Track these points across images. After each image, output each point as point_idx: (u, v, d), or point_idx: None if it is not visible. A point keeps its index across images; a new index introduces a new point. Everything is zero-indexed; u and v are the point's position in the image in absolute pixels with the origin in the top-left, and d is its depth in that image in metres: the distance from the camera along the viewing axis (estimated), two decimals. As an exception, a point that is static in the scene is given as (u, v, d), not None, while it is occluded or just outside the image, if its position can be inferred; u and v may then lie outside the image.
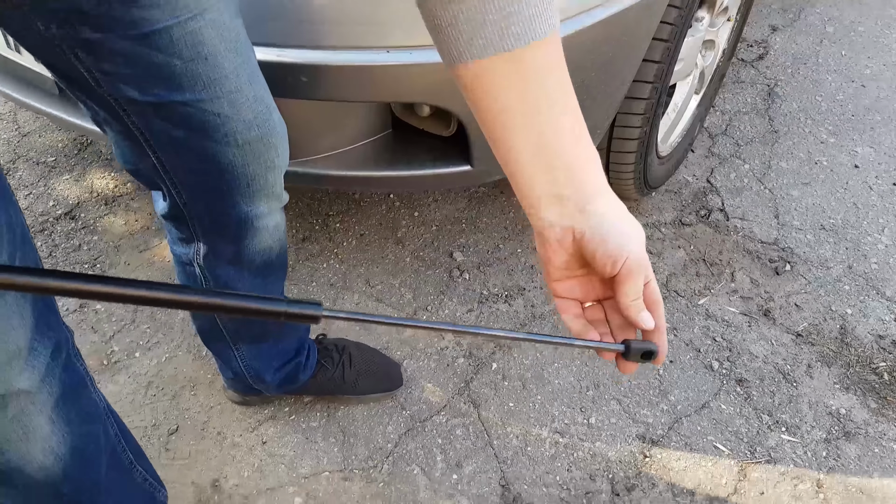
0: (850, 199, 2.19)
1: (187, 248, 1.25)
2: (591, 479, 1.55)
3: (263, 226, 1.20)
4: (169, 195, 1.14)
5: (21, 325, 0.90)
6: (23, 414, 0.96)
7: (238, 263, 1.25)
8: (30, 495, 1.06)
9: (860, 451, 1.60)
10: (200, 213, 1.16)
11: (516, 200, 2.15)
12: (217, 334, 1.43)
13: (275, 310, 0.54)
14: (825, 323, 1.85)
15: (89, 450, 1.09)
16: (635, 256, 0.64)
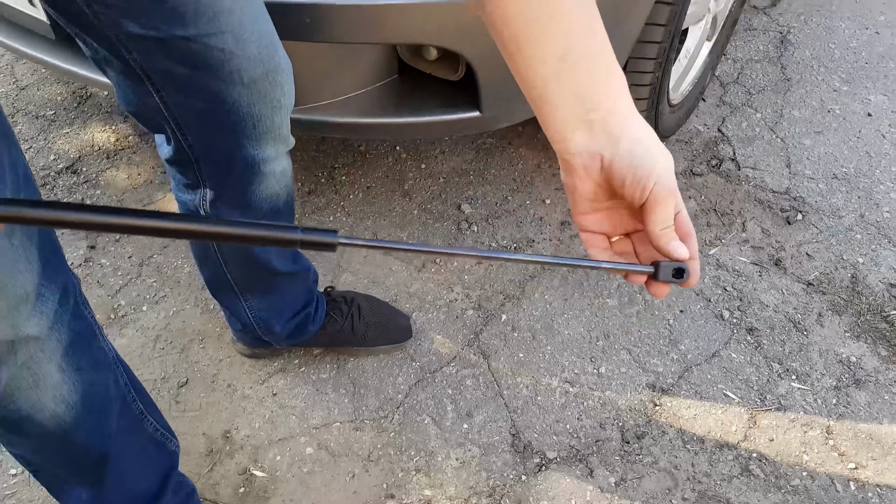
0: (862, 147, 2.15)
1: (193, 194, 1.23)
2: (602, 428, 1.56)
3: (270, 171, 1.17)
4: (173, 137, 1.11)
5: (28, 269, 0.88)
6: (32, 361, 0.95)
7: (245, 210, 1.23)
8: (42, 444, 1.06)
9: (870, 398, 1.60)
10: (206, 156, 1.13)
11: (525, 152, 2.13)
12: (225, 286, 1.42)
13: (290, 237, 0.53)
14: (836, 272, 1.83)
15: (100, 398, 1.09)
16: (665, 182, 0.61)
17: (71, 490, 1.18)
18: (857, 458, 1.51)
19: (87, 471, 1.15)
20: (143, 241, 1.91)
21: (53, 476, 1.15)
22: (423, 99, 1.47)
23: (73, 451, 1.10)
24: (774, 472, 1.48)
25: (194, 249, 1.38)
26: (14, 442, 1.06)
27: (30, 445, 1.07)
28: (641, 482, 1.47)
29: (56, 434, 1.05)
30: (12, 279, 0.88)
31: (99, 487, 1.18)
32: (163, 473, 1.29)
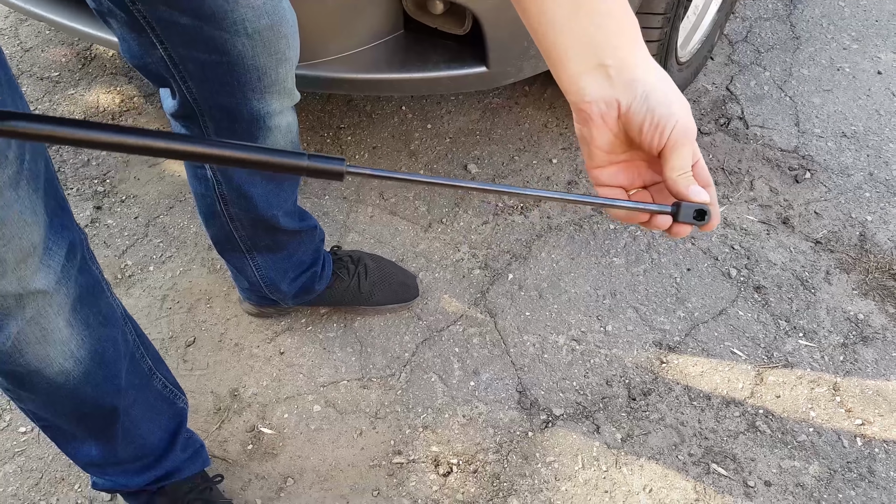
0: (872, 105, 2.13)
1: None
2: (608, 385, 1.56)
3: (276, 125, 1.16)
4: (178, 91, 1.10)
5: (34, 221, 0.88)
6: (40, 316, 0.95)
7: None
8: (51, 399, 1.07)
9: (877, 354, 1.60)
10: (210, 109, 1.12)
11: (531, 112, 2.11)
12: (232, 244, 1.41)
13: (296, 164, 0.51)
14: (845, 230, 1.82)
15: (108, 353, 1.09)
16: (683, 123, 0.60)
17: (80, 445, 1.19)
18: (864, 414, 1.51)
19: (97, 426, 1.16)
20: (150, 200, 1.91)
21: (62, 431, 1.16)
22: (430, 54, 1.45)
23: (83, 406, 1.11)
24: (781, 428, 1.49)
25: (201, 207, 1.37)
26: (23, 397, 1.07)
27: (39, 401, 1.08)
28: (647, 438, 1.48)
29: (65, 389, 1.05)
30: (19, 231, 0.87)
31: (108, 442, 1.19)
32: (171, 430, 1.30)
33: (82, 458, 1.22)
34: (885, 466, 1.43)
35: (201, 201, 1.35)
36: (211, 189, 1.29)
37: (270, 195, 1.32)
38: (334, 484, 1.44)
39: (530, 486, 1.42)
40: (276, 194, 1.33)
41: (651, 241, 1.80)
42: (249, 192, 1.29)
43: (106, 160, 1.99)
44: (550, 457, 1.46)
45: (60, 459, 1.48)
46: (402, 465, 1.46)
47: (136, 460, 1.26)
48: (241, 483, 1.45)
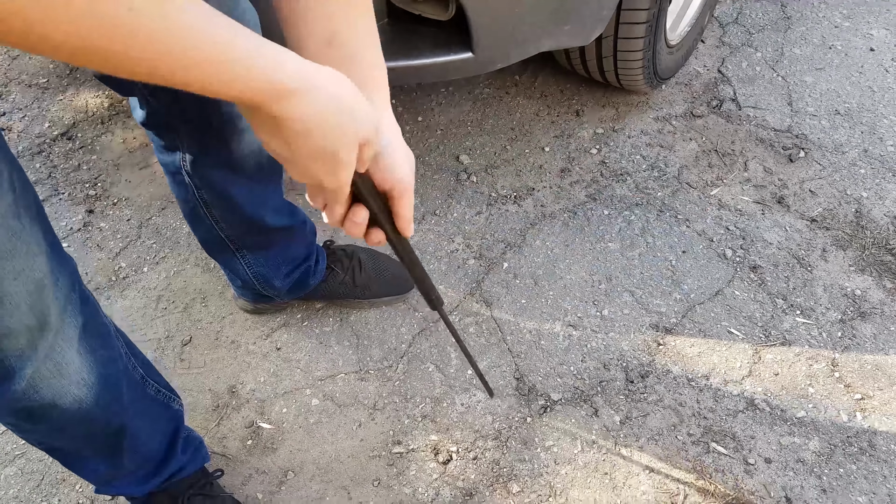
0: (865, 82, 2.12)
1: (172, 155, 1.21)
2: (605, 369, 1.56)
3: (247, 126, 1.15)
4: (145, 100, 1.09)
5: (40, 251, 0.88)
6: (53, 351, 0.94)
7: (227, 167, 1.21)
8: (62, 427, 1.06)
9: (876, 329, 1.59)
10: (180, 116, 1.11)
11: (522, 101, 2.10)
12: (220, 245, 1.41)
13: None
14: (840, 207, 1.81)
15: (111, 373, 1.09)
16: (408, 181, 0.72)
17: (86, 463, 1.18)
18: (863, 388, 1.50)
19: (105, 445, 1.16)
20: (142, 203, 1.91)
21: (69, 453, 1.16)
22: (415, 42, 1.45)
23: (93, 428, 1.10)
24: (780, 405, 1.48)
25: (185, 212, 1.36)
26: (29, 429, 1.06)
27: (48, 430, 1.06)
28: (646, 420, 1.47)
29: (77, 416, 1.05)
30: (29, 262, 0.86)
31: (115, 457, 1.19)
32: (170, 433, 1.29)
33: (89, 475, 1.22)
34: (886, 440, 1.43)
35: (184, 206, 1.34)
36: (191, 194, 1.28)
37: (253, 195, 1.30)
38: (335, 476, 1.44)
39: (530, 471, 1.42)
40: (259, 194, 1.31)
41: (645, 225, 1.80)
42: (231, 194, 1.27)
43: (97, 164, 1.99)
44: (549, 441, 1.45)
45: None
46: (402, 455, 1.46)
47: (140, 468, 1.25)
48: (242, 478, 1.45)
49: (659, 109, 2.07)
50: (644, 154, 1.95)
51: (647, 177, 1.90)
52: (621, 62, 1.81)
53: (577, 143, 1.99)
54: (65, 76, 2.23)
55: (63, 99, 2.16)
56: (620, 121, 2.04)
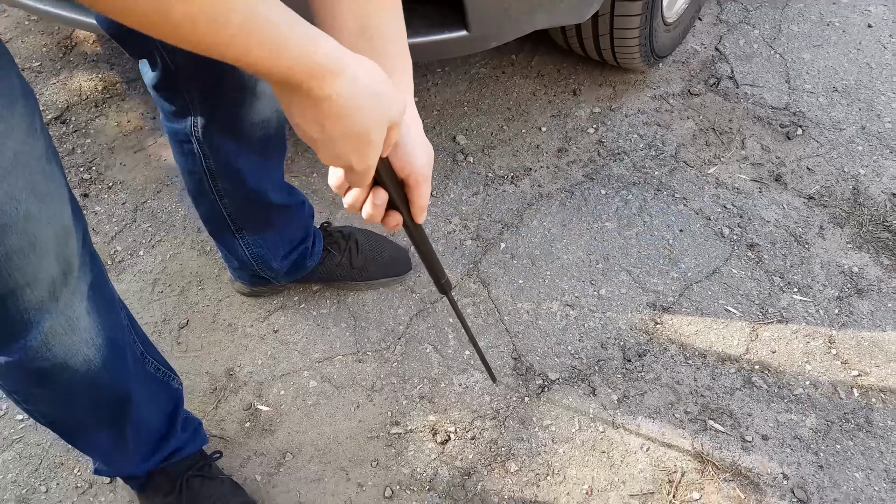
0: (863, 59, 2.10)
1: (182, 122, 1.21)
2: (603, 348, 1.56)
3: (262, 91, 1.15)
4: (160, 59, 1.09)
5: (66, 199, 0.89)
6: (68, 306, 0.95)
7: (236, 135, 1.21)
8: (70, 392, 1.05)
9: (873, 306, 1.59)
10: (195, 77, 1.11)
11: (519, 80, 2.09)
12: (221, 223, 1.40)
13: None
14: (838, 184, 1.81)
15: (118, 338, 1.09)
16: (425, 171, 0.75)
17: (89, 436, 1.18)
18: (861, 365, 1.50)
19: (111, 414, 1.16)
20: (137, 186, 1.90)
21: (73, 425, 1.15)
22: (409, 20, 1.42)
23: (100, 394, 1.10)
24: (777, 382, 1.48)
25: (189, 185, 1.36)
26: (37, 397, 1.05)
27: (56, 397, 1.06)
28: (644, 398, 1.47)
29: (86, 379, 1.05)
30: (60, 209, 0.87)
31: (119, 429, 1.19)
32: (170, 412, 1.29)
33: (92, 450, 1.22)
34: (883, 416, 1.43)
35: (189, 178, 1.34)
36: (198, 164, 1.28)
37: (258, 168, 1.31)
38: (333, 457, 1.44)
39: (528, 450, 1.42)
40: (263, 167, 1.32)
41: (643, 204, 1.79)
42: (237, 166, 1.28)
43: (91, 147, 1.98)
44: (547, 420, 1.46)
45: (59, 444, 1.48)
46: (401, 436, 1.46)
47: (142, 444, 1.25)
48: (241, 460, 1.45)
49: (656, 88, 2.05)
50: (641, 133, 1.94)
51: (644, 156, 1.89)
52: (618, 40, 1.79)
53: (574, 123, 1.98)
54: (58, 59, 2.21)
55: (56, 82, 2.14)
56: (617, 100, 2.03)
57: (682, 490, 1.36)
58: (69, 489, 1.43)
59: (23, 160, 0.80)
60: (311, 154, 1.94)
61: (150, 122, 2.04)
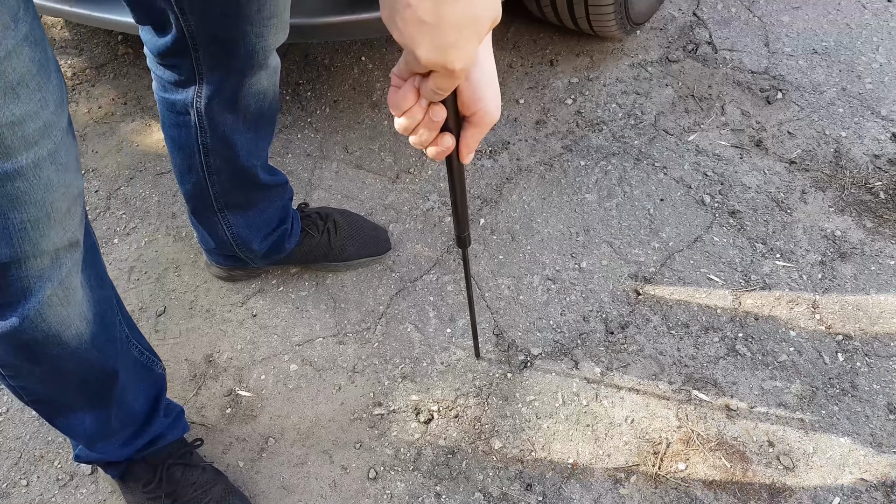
0: (842, 19, 2.08)
1: (183, 92, 1.18)
2: (585, 321, 1.54)
3: (268, 63, 1.16)
4: (175, 24, 1.06)
5: (77, 171, 0.89)
6: (67, 276, 0.94)
7: (236, 108, 1.20)
8: (59, 367, 1.04)
9: (856, 270, 1.58)
10: (207, 44, 1.09)
11: (494, 51, 2.05)
12: (205, 202, 1.38)
13: None
14: (819, 148, 1.79)
15: (107, 315, 1.08)
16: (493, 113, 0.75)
17: (72, 415, 1.16)
18: (845, 329, 1.49)
19: (97, 392, 1.14)
20: (109, 173, 1.86)
21: (58, 404, 1.13)
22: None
23: (89, 371, 1.09)
24: (761, 349, 1.47)
25: (178, 160, 1.33)
26: (24, 372, 1.03)
27: (41, 373, 1.04)
28: (627, 370, 1.46)
29: (76, 354, 1.03)
30: (75, 178, 0.88)
31: (104, 410, 1.17)
32: (153, 396, 1.28)
33: (75, 431, 1.19)
34: (868, 380, 1.42)
35: (179, 153, 1.31)
36: (193, 138, 1.25)
37: (251, 144, 1.31)
38: (316, 440, 1.43)
39: (512, 427, 1.41)
40: (255, 144, 1.32)
41: (623, 174, 1.77)
42: (234, 140, 1.26)
43: (62, 135, 1.94)
44: (531, 396, 1.44)
45: (38, 437, 1.46)
46: (383, 417, 1.45)
47: (125, 429, 1.24)
48: (223, 447, 1.44)
49: (634, 56, 2.02)
50: (620, 102, 1.92)
51: (623, 125, 1.87)
52: (592, 7, 1.76)
53: (552, 94, 1.95)
54: (23, 46, 2.16)
55: (22, 70, 2.09)
56: (595, 69, 2.00)
57: (668, 461, 1.35)
58: (50, 482, 1.41)
59: (50, 131, 0.82)
60: (286, 134, 1.91)
61: (121, 108, 2.00)
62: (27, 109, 0.78)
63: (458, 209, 1.02)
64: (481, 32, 0.63)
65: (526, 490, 1.33)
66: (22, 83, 0.77)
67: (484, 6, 0.62)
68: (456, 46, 0.62)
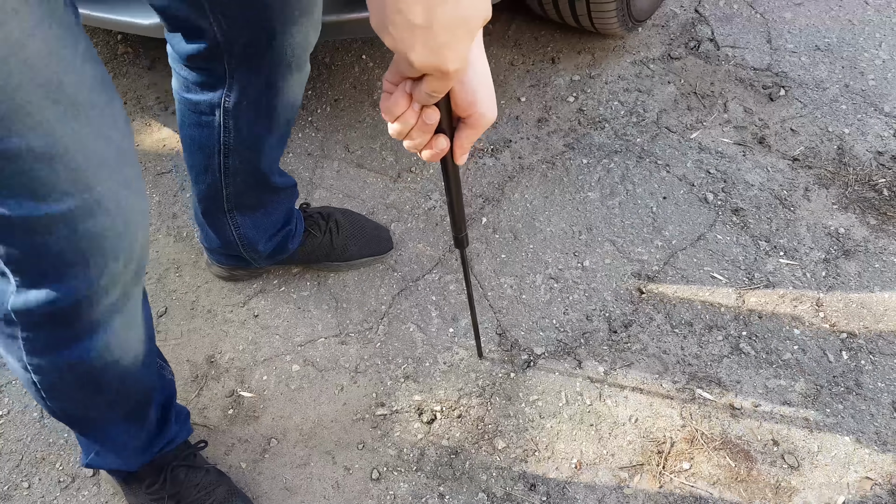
0: (844, 16, 2.07)
1: (210, 93, 1.17)
2: (588, 320, 1.53)
3: (297, 65, 1.15)
4: (209, 30, 1.05)
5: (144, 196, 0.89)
6: (134, 303, 0.96)
7: (263, 110, 1.20)
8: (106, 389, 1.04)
9: (860, 267, 1.57)
10: (240, 45, 1.08)
11: (496, 50, 2.05)
12: (217, 203, 1.38)
13: None
14: (822, 145, 1.78)
15: (151, 329, 1.09)
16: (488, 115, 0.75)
17: (107, 430, 1.16)
18: (849, 327, 1.49)
19: (135, 408, 1.15)
20: (109, 174, 1.85)
21: (92, 420, 1.13)
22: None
23: (135, 388, 1.09)
24: (765, 348, 1.47)
25: (195, 160, 1.32)
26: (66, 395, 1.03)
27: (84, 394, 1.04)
28: (630, 369, 1.45)
29: (128, 375, 1.04)
30: (146, 204, 0.88)
31: (140, 422, 1.18)
32: (165, 403, 1.28)
33: (104, 443, 1.19)
34: (872, 378, 1.42)
35: (198, 153, 1.30)
36: (215, 138, 1.24)
37: (272, 148, 1.31)
38: (319, 441, 1.42)
39: (515, 426, 1.40)
40: (275, 148, 1.32)
41: (625, 172, 1.76)
42: (258, 143, 1.26)
43: (61, 135, 1.93)
44: (534, 395, 1.44)
45: (39, 440, 1.46)
46: (386, 417, 1.44)
47: (146, 437, 1.24)
48: (225, 448, 1.43)
49: (636, 53, 2.01)
50: (622, 100, 1.91)
51: (625, 123, 1.86)
52: (594, 4, 1.75)
53: (554, 92, 1.94)
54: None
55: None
56: (597, 67, 1.99)
57: (672, 460, 1.34)
58: (52, 484, 1.41)
59: (125, 156, 0.79)
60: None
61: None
62: (99, 133, 0.75)
63: (454, 210, 1.02)
64: (473, 31, 0.63)
65: (530, 490, 1.33)
66: (90, 104, 0.74)
67: (474, 5, 0.61)
68: (449, 47, 0.62)
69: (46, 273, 0.84)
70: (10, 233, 0.79)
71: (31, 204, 0.76)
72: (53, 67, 0.70)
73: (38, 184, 0.74)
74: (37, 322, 0.89)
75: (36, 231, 0.78)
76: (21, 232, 0.78)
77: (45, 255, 0.81)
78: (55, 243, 0.80)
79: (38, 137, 0.71)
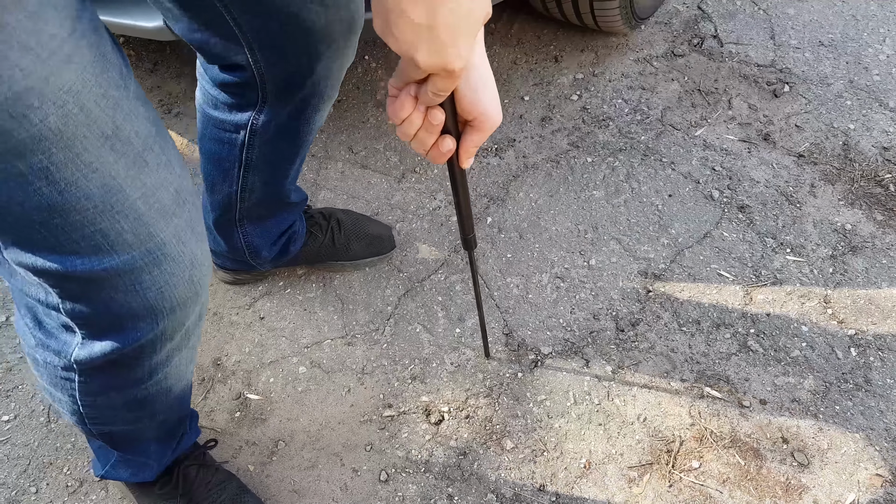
0: (848, 11, 2.06)
1: (240, 114, 1.17)
2: (595, 319, 1.53)
3: (329, 92, 1.15)
4: (246, 64, 1.05)
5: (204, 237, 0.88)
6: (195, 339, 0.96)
7: (291, 133, 1.20)
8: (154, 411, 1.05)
9: (867, 263, 1.56)
10: (277, 75, 1.08)
11: (499, 49, 2.04)
12: (228, 214, 1.39)
13: None
14: (827, 141, 1.77)
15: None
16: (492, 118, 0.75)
17: (142, 445, 1.17)
18: (857, 323, 1.48)
19: (174, 426, 1.16)
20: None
21: (130, 437, 1.13)
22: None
23: (176, 407, 1.09)
24: (773, 345, 1.46)
25: (213, 174, 1.32)
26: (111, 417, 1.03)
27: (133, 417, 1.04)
28: (638, 368, 1.45)
29: (175, 398, 1.04)
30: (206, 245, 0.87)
31: (174, 439, 1.19)
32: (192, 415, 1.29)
33: (138, 456, 1.19)
34: (881, 374, 1.41)
35: (217, 166, 1.30)
36: (236, 152, 1.24)
37: (292, 167, 1.32)
38: (326, 443, 1.42)
39: (523, 427, 1.40)
40: (296, 167, 1.33)
41: (630, 170, 1.76)
42: (281, 164, 1.27)
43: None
44: (542, 395, 1.43)
45: (47, 444, 1.46)
46: (394, 418, 1.44)
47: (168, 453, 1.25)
48: (232, 451, 1.43)
49: (639, 51, 2.01)
50: (626, 97, 1.90)
51: (629, 121, 1.85)
52: (597, 2, 1.75)
53: (557, 91, 1.94)
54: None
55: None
56: (600, 65, 1.99)
57: (681, 459, 1.34)
58: (59, 489, 1.40)
59: (183, 197, 0.77)
60: (290, 135, 1.90)
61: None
62: (157, 177, 0.73)
63: (462, 211, 1.03)
64: (475, 28, 0.64)
65: (539, 491, 1.33)
66: (146, 148, 0.72)
67: (475, 2, 0.62)
68: (453, 46, 0.63)
69: (112, 325, 0.83)
70: (74, 288, 0.78)
71: (95, 258, 0.74)
72: (109, 112, 0.68)
73: (101, 236, 0.72)
74: (97, 367, 0.89)
75: (101, 286, 0.77)
76: (85, 287, 0.77)
77: (111, 308, 0.80)
78: (120, 296, 0.78)
79: (97, 187, 0.69)
